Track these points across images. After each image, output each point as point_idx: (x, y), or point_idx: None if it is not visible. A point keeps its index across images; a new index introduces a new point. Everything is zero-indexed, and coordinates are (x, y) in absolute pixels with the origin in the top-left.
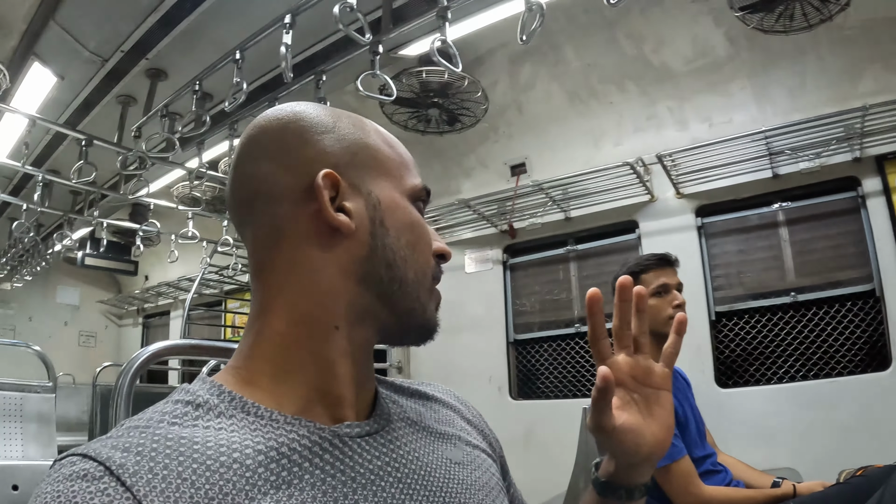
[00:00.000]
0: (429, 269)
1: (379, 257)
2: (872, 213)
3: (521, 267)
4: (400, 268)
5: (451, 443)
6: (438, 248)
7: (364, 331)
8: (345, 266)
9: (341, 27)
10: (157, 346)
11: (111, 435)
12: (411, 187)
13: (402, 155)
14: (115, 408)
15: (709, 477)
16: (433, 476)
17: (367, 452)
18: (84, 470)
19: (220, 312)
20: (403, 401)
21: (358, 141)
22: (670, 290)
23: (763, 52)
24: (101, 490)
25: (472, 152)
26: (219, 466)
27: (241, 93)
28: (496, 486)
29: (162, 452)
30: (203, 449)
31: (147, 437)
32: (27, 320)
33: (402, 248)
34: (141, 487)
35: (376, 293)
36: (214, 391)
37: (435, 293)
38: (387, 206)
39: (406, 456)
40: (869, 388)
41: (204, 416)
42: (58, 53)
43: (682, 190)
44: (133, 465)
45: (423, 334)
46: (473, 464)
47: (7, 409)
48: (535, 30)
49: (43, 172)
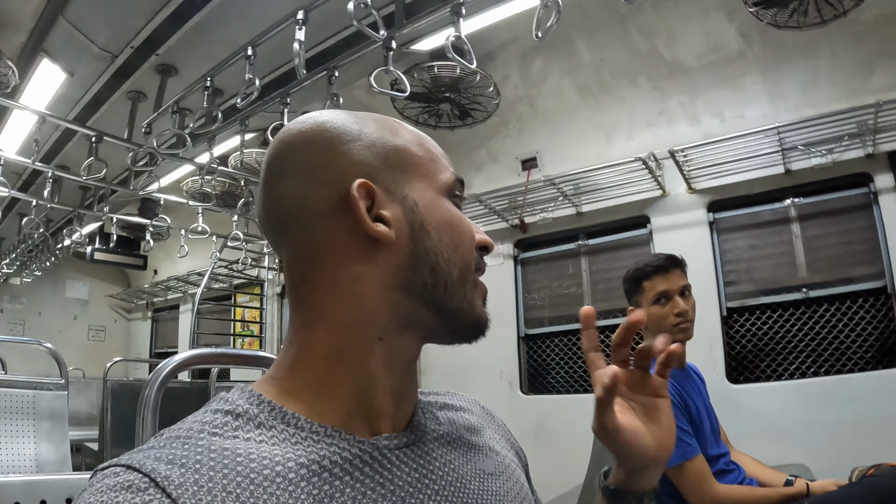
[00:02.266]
0: (472, 264)
1: (422, 262)
2: (885, 209)
3: (532, 262)
4: (444, 269)
5: (482, 453)
6: (481, 240)
7: (409, 339)
8: (387, 276)
9: (356, 24)
10: (182, 357)
11: (152, 445)
12: (445, 182)
13: (432, 150)
14: (142, 418)
15: (722, 476)
16: (468, 488)
17: (405, 465)
18: (128, 481)
19: (230, 307)
20: (436, 411)
21: (387, 144)
22: (671, 296)
23: (776, 47)
24: (146, 502)
25: (484, 147)
26: (262, 480)
27: (255, 89)
28: (527, 497)
29: (206, 465)
30: (246, 461)
31: (190, 448)
32: (37, 315)
33: (444, 249)
34: (187, 500)
35: (422, 299)
36: (254, 401)
37: (480, 286)
38: (424, 208)
39: (442, 468)
40: (880, 384)
41: (244, 426)
42: (67, 50)
43: (693, 185)
44: (178, 477)
45: (475, 331)
46: (504, 474)
47: (20, 407)
48: (551, 27)
49: (53, 168)
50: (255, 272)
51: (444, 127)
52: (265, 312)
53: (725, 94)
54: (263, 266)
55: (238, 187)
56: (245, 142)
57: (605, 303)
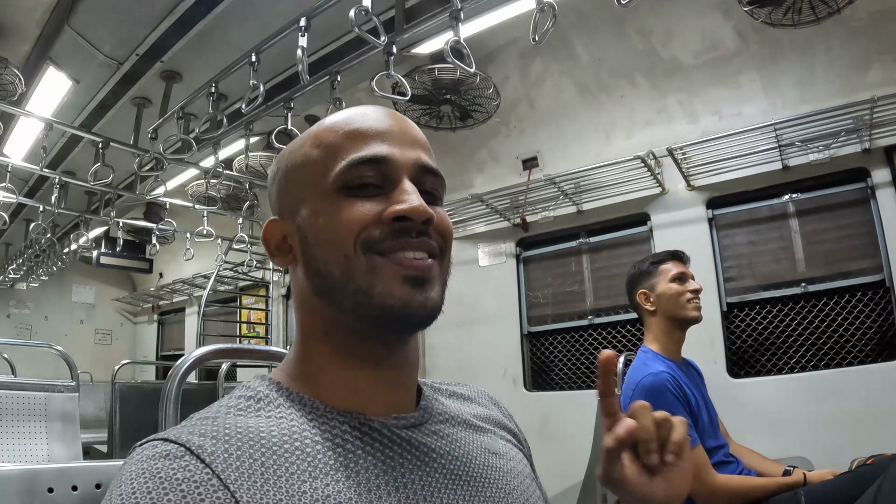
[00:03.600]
0: (353, 253)
1: (312, 271)
2: (882, 203)
3: (534, 260)
4: (325, 273)
5: (487, 435)
6: (394, 210)
7: (345, 336)
8: (303, 287)
9: (357, 30)
10: (203, 350)
11: (184, 425)
12: (334, 178)
13: (332, 142)
14: (164, 410)
15: (721, 467)
16: (473, 463)
17: (412, 443)
18: (166, 451)
19: (235, 308)
20: (444, 399)
21: (287, 171)
22: (687, 278)
23: (772, 44)
24: (184, 467)
25: (485, 147)
26: (283, 451)
27: (259, 94)
28: (529, 476)
29: (234, 437)
30: (268, 436)
31: (218, 425)
32: (43, 319)
33: (321, 252)
34: (219, 464)
35: (328, 302)
36: (273, 387)
37: (387, 268)
38: (308, 220)
39: (448, 445)
40: (879, 377)
41: (265, 408)
42: (72, 58)
43: (692, 182)
44: (210, 446)
45: (393, 320)
46: (508, 455)
47: (32, 409)
48: (548, 30)
49: (59, 174)
50: (260, 274)
51: (446, 128)
52: (270, 314)
53: (723, 92)
54: (268, 268)
55: (243, 190)
56: (249, 146)
57: (606, 299)
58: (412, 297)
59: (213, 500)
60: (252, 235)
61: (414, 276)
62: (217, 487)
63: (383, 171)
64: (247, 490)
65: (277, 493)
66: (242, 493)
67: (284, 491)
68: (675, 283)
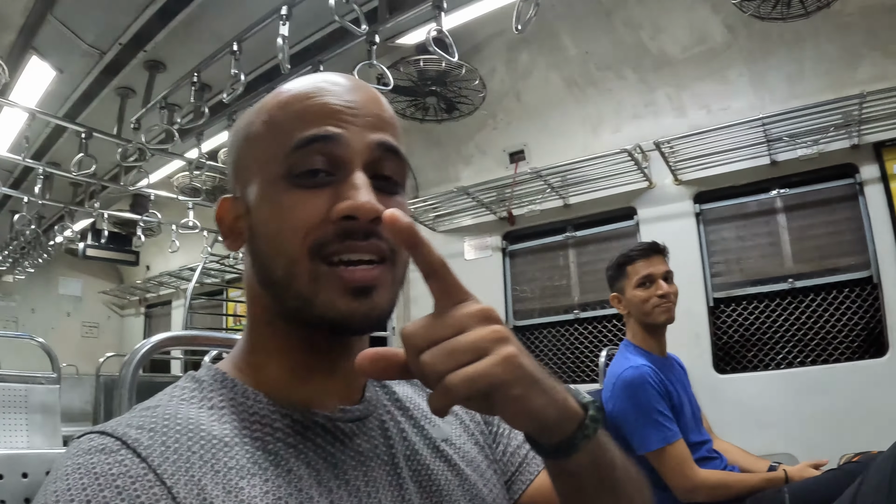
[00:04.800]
0: (301, 257)
1: (258, 261)
2: (870, 199)
3: (521, 254)
4: (269, 268)
5: (439, 419)
6: (339, 209)
7: (288, 328)
8: (249, 274)
9: (337, 19)
10: (158, 338)
11: (124, 417)
12: (283, 159)
13: (283, 119)
14: (119, 398)
15: (704, 463)
16: (419, 455)
17: (357, 436)
18: (102, 444)
19: (222, 301)
20: (397, 386)
21: (239, 145)
22: (655, 279)
23: (761, 39)
24: (119, 461)
25: (471, 140)
26: (222, 446)
27: (240, 84)
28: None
29: (172, 428)
30: (208, 430)
31: (158, 416)
32: (30, 312)
33: (266, 247)
34: (155, 458)
35: (271, 294)
36: (218, 377)
37: (331, 277)
38: (255, 206)
39: (394, 437)
40: (866, 374)
41: (207, 398)
42: (56, 47)
43: (680, 177)
44: (147, 439)
45: (332, 330)
46: (461, 438)
47: (12, 401)
48: (530, 19)
49: (43, 165)
50: None
51: (431, 120)
52: None
53: (711, 86)
54: None
55: (227, 182)
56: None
57: (592, 293)
58: (355, 308)
59: (149, 495)
60: None
61: (358, 287)
62: (153, 482)
63: (334, 152)
64: (184, 485)
65: (215, 489)
66: (179, 488)
67: (222, 487)
68: (640, 288)
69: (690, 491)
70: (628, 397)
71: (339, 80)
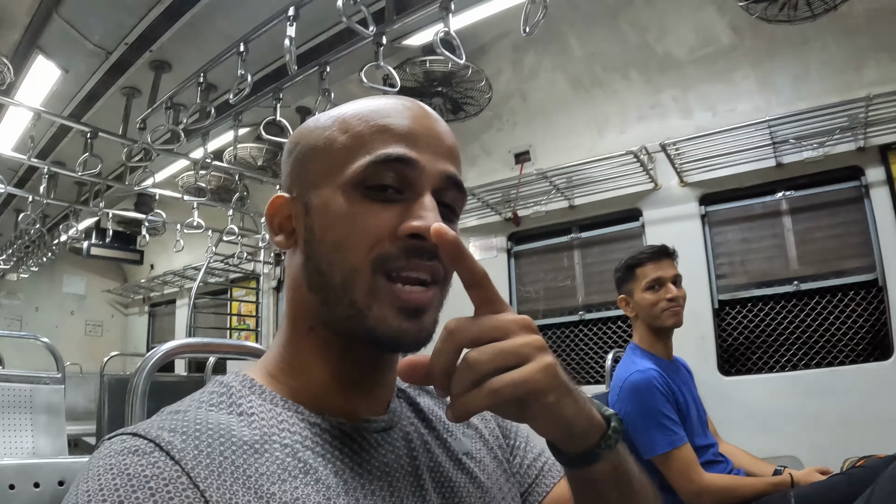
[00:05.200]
0: (363, 267)
1: (313, 264)
2: (876, 202)
3: (526, 255)
4: (326, 273)
5: (459, 434)
6: (411, 226)
7: (330, 336)
8: (298, 276)
9: (344, 20)
10: (170, 345)
11: (154, 419)
12: (354, 172)
13: (361, 133)
14: (130, 405)
15: (710, 467)
16: (442, 467)
17: (382, 447)
18: (135, 446)
19: (226, 301)
20: (415, 397)
21: (306, 150)
22: (664, 283)
23: (767, 41)
24: (152, 463)
25: (477, 141)
26: (253, 452)
27: (246, 84)
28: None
29: (204, 433)
30: (239, 435)
31: (189, 420)
32: (34, 310)
33: (327, 252)
34: (188, 462)
35: (320, 299)
36: (246, 384)
37: (388, 294)
38: (316, 210)
39: (417, 449)
40: (871, 377)
41: (237, 404)
42: (61, 47)
43: (685, 178)
44: (180, 443)
45: (378, 343)
46: (481, 452)
47: (17, 401)
48: (539, 21)
49: (48, 164)
50: (251, 266)
51: None
52: (261, 306)
53: (717, 88)
54: (259, 260)
55: (232, 182)
56: (239, 137)
57: (597, 295)
58: (406, 329)
59: (181, 498)
60: (242, 227)
61: (412, 308)
62: (186, 485)
63: (407, 176)
64: (216, 489)
65: (246, 494)
66: (212, 491)
67: (253, 492)
68: (649, 291)
69: (697, 495)
70: (635, 401)
71: (420, 106)
